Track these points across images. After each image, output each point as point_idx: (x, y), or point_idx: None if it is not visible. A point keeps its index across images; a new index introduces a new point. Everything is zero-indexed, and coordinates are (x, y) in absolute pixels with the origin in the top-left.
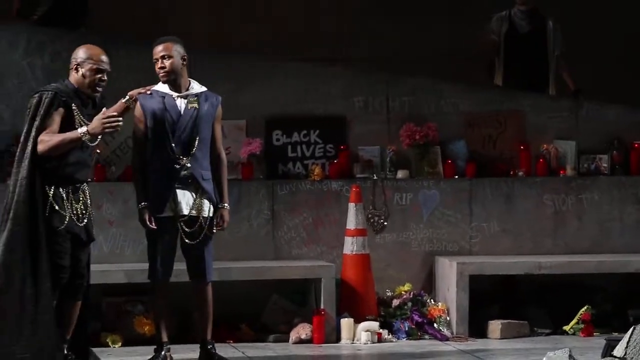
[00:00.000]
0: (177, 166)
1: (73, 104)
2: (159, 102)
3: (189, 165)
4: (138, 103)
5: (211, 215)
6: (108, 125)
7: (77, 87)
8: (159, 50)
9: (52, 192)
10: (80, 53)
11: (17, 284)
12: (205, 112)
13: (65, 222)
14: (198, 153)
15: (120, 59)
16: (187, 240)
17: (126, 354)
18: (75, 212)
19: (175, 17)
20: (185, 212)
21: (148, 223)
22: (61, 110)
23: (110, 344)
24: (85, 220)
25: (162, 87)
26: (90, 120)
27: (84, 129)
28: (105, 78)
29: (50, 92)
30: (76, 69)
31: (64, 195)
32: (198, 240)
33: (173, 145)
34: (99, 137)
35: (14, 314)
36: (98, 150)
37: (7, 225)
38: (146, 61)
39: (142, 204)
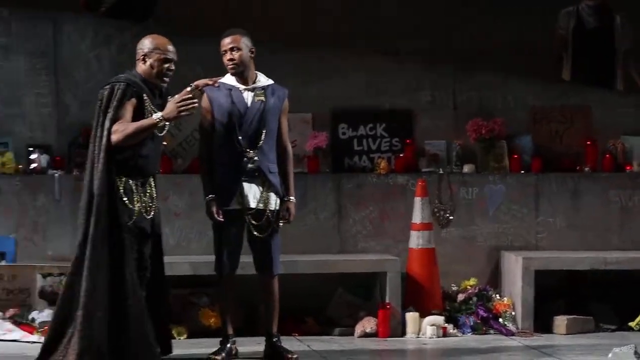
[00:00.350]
0: (244, 159)
1: (144, 94)
2: (226, 95)
3: (256, 158)
4: (205, 95)
5: (277, 208)
6: (183, 107)
7: (144, 78)
8: (227, 42)
9: (122, 185)
10: (147, 43)
11: (102, 281)
12: (272, 105)
13: (134, 217)
14: (265, 146)
15: (187, 50)
16: (254, 233)
17: (191, 346)
18: (143, 204)
19: (243, 8)
20: (253, 205)
21: (215, 216)
22: (133, 100)
23: (175, 335)
24: (152, 213)
25: (229, 80)
26: (160, 110)
27: (158, 114)
28: (173, 67)
29: (122, 83)
30: (143, 59)
31: (134, 187)
32: (265, 233)
33: (240, 138)
34: (171, 123)
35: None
36: (165, 143)
37: (92, 221)
38: (213, 53)
39: (210, 196)
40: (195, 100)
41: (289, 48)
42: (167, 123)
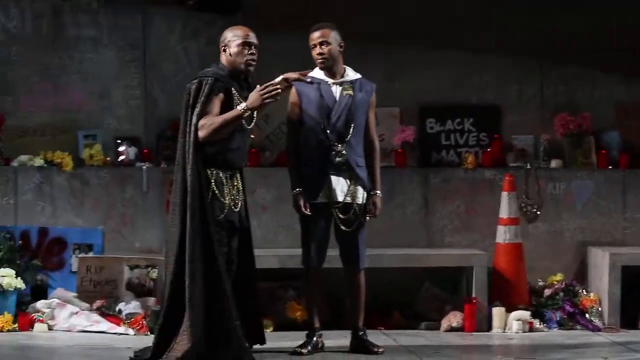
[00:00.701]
0: (332, 153)
1: (232, 88)
2: (314, 89)
3: (344, 152)
4: (294, 89)
5: (364, 202)
6: (267, 95)
7: (230, 69)
8: (316, 36)
9: (214, 178)
10: (226, 34)
11: (199, 276)
12: (360, 99)
13: (225, 211)
14: (352, 140)
15: (274, 44)
16: (342, 227)
17: (277, 339)
18: (232, 197)
19: (332, 3)
20: (340, 198)
21: (303, 209)
22: (221, 95)
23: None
24: (239, 206)
25: (317, 74)
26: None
27: (243, 105)
28: (254, 52)
29: (210, 78)
30: (224, 50)
31: (224, 180)
32: (352, 227)
33: (328, 132)
34: (258, 114)
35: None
36: (252, 136)
37: (188, 216)
38: (300, 47)
39: (297, 190)
40: (279, 88)
41: (376, 42)
42: (254, 114)
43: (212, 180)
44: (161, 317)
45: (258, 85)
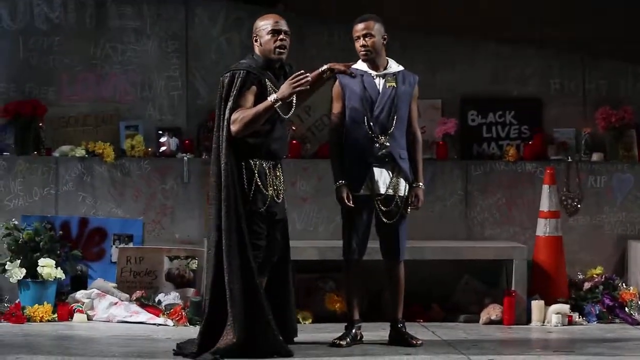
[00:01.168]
0: (376, 145)
1: (266, 79)
2: (357, 81)
3: (387, 144)
4: (337, 80)
5: (406, 194)
6: (296, 84)
7: (263, 59)
8: (360, 28)
9: (257, 170)
10: (257, 23)
11: (236, 272)
12: (403, 91)
13: (267, 203)
14: (396, 132)
15: (318, 36)
16: (384, 219)
17: (316, 330)
18: (275, 188)
19: None
20: (382, 191)
21: (346, 201)
22: (254, 88)
23: (300, 320)
24: (282, 197)
25: (360, 66)
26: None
27: (273, 96)
28: (285, 37)
29: (242, 71)
30: (255, 39)
31: (267, 171)
32: (394, 219)
33: (371, 124)
34: (297, 102)
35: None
36: (293, 127)
37: (223, 210)
38: (344, 39)
39: (340, 182)
40: (308, 75)
41: (418, 35)
42: (293, 103)
43: (256, 172)
44: (205, 310)
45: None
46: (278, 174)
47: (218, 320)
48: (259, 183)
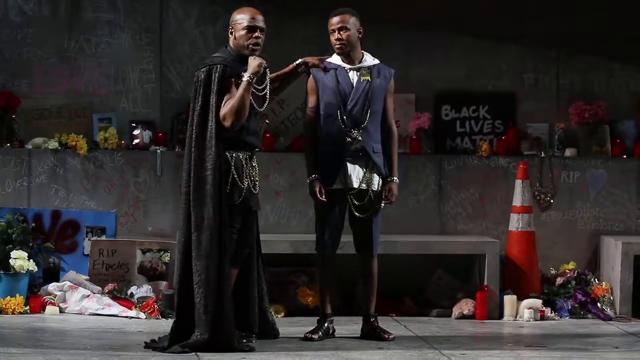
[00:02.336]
0: (349, 139)
1: (242, 72)
2: (331, 75)
3: (360, 138)
4: (311, 75)
5: (380, 189)
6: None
7: (237, 52)
8: (335, 21)
9: (234, 161)
10: (234, 16)
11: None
12: (378, 85)
13: (243, 194)
14: (369, 126)
15: (294, 30)
16: (356, 214)
17: (289, 324)
18: (251, 180)
19: None
20: (356, 185)
21: (319, 195)
22: (232, 81)
23: (273, 313)
24: (257, 188)
25: (335, 59)
26: (259, 83)
27: (245, 75)
28: (260, 35)
29: (219, 66)
30: (231, 32)
31: (244, 162)
32: (367, 213)
33: (345, 118)
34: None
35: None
36: (267, 121)
37: (194, 203)
38: (319, 32)
39: (313, 176)
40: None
41: (392, 29)
42: (267, 96)
43: (232, 164)
44: (176, 304)
45: (267, 71)
46: (254, 164)
47: (188, 315)
48: (235, 175)
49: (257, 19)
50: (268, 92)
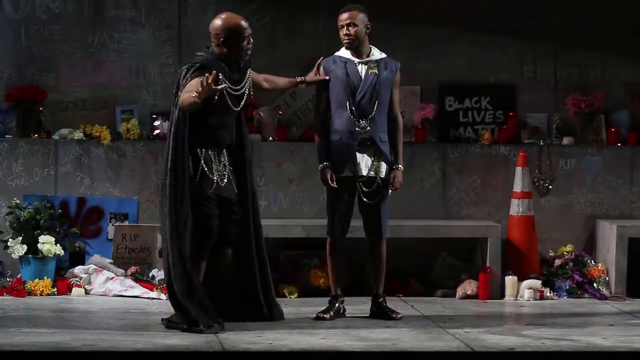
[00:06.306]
0: (357, 129)
1: (221, 71)
2: (341, 68)
3: (368, 128)
4: (322, 67)
5: (387, 176)
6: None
7: (225, 56)
8: (344, 17)
9: (203, 157)
10: (218, 25)
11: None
12: (385, 77)
13: (214, 186)
14: (377, 116)
15: (303, 25)
16: (365, 200)
17: (302, 304)
18: (219, 173)
19: None
20: (364, 173)
21: (330, 182)
22: (206, 74)
23: (287, 294)
24: (225, 180)
25: (344, 53)
26: (236, 85)
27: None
28: (251, 40)
29: (197, 64)
30: (217, 42)
31: (212, 157)
32: (375, 199)
33: (353, 109)
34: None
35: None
36: (280, 112)
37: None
38: (329, 28)
39: (324, 164)
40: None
41: (399, 23)
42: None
43: (202, 159)
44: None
45: (249, 71)
46: (222, 159)
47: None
48: (205, 169)
49: (245, 25)
50: (247, 90)
